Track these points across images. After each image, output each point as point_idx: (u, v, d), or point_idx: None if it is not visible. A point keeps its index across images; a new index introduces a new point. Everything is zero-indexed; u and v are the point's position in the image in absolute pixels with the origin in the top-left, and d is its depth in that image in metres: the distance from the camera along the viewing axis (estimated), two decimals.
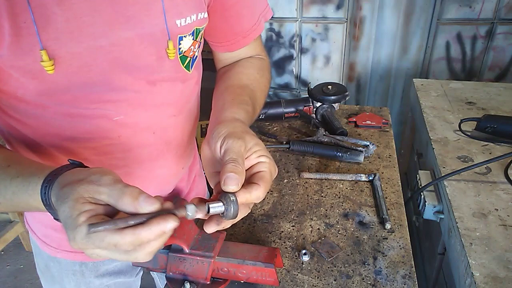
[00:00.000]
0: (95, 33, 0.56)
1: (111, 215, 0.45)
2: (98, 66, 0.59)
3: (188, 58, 0.69)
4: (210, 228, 0.51)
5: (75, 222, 0.42)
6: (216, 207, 0.48)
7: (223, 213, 0.48)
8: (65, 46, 0.54)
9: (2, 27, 0.50)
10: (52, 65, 0.54)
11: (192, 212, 0.46)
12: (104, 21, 0.56)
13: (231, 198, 0.48)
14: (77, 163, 0.52)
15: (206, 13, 0.68)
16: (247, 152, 0.52)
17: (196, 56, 0.72)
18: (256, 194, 0.50)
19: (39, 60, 0.53)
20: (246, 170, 0.51)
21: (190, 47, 0.68)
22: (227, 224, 0.51)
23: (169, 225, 0.43)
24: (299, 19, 1.96)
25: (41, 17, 0.51)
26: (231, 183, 0.48)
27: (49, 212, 0.50)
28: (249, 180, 0.52)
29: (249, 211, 0.54)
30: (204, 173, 1.13)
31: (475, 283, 0.67)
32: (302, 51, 2.04)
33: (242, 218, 0.83)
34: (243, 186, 0.49)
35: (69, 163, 0.51)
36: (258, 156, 0.53)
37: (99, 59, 0.58)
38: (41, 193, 0.48)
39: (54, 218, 0.50)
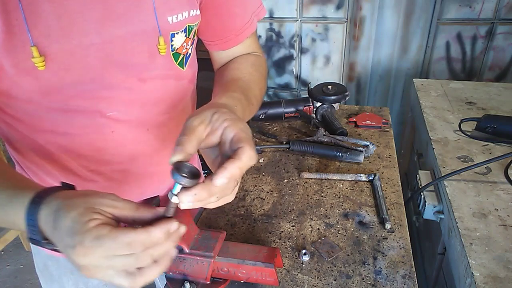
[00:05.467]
0: (86, 30, 0.56)
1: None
2: (89, 63, 0.59)
3: (181, 55, 0.69)
4: (186, 197, 0.47)
5: (84, 227, 0.43)
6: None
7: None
8: (56, 42, 0.55)
9: None
10: (43, 62, 0.54)
11: (173, 197, 0.48)
12: (95, 19, 0.56)
13: (184, 167, 0.47)
14: (70, 186, 0.52)
15: (199, 10, 0.68)
16: (209, 124, 0.51)
17: (190, 54, 0.72)
18: (246, 157, 0.47)
19: (30, 57, 0.53)
20: (222, 145, 0.50)
21: (182, 44, 0.68)
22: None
23: (173, 225, 0.47)
24: (299, 19, 1.96)
25: (31, 14, 0.52)
26: (175, 154, 0.47)
27: (28, 230, 0.48)
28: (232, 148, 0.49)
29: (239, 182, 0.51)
30: (205, 173, 1.13)
31: (475, 283, 0.67)
32: (302, 51, 2.04)
33: (241, 218, 0.84)
34: (230, 157, 0.47)
35: (61, 185, 0.52)
36: (222, 122, 0.51)
37: (90, 56, 0.58)
38: (28, 211, 0.47)
39: (30, 238, 0.48)
